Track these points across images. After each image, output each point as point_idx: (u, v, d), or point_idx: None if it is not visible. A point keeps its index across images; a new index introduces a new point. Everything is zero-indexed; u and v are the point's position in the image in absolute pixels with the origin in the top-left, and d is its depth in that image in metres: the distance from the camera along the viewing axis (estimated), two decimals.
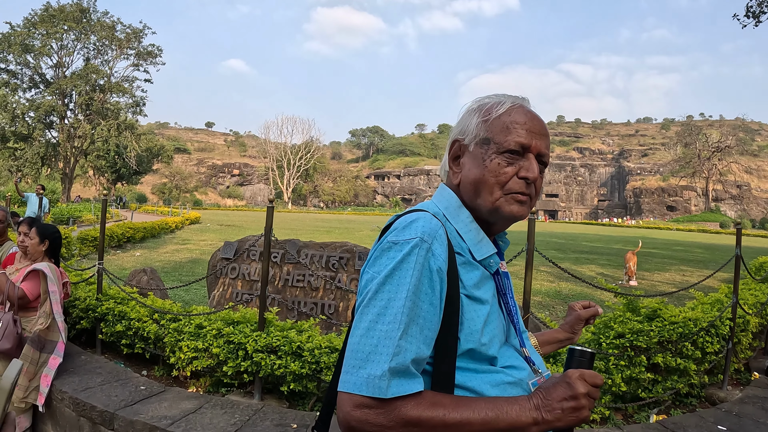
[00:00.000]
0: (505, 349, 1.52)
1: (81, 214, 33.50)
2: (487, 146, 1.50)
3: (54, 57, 63.88)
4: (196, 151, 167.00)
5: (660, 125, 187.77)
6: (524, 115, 1.51)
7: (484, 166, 1.48)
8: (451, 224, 1.50)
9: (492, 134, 1.49)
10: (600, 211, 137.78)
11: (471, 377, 1.40)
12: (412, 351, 1.26)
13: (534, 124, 1.50)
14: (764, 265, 11.06)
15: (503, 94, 1.59)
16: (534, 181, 1.49)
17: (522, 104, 1.55)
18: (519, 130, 1.48)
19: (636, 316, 5.63)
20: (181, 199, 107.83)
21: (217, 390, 5.35)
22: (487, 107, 1.55)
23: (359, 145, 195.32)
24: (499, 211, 1.49)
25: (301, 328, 5.26)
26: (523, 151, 1.48)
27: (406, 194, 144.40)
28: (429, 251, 1.34)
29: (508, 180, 1.47)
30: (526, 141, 1.47)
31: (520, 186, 1.47)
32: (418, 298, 1.30)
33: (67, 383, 5.12)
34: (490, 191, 1.48)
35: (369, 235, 31.37)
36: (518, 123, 1.49)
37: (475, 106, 1.59)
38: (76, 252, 15.73)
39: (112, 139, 66.61)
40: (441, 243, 1.38)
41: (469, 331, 1.39)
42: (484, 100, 1.59)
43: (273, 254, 7.10)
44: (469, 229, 1.51)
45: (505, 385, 1.43)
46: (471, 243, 1.49)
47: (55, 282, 5.19)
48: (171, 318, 5.76)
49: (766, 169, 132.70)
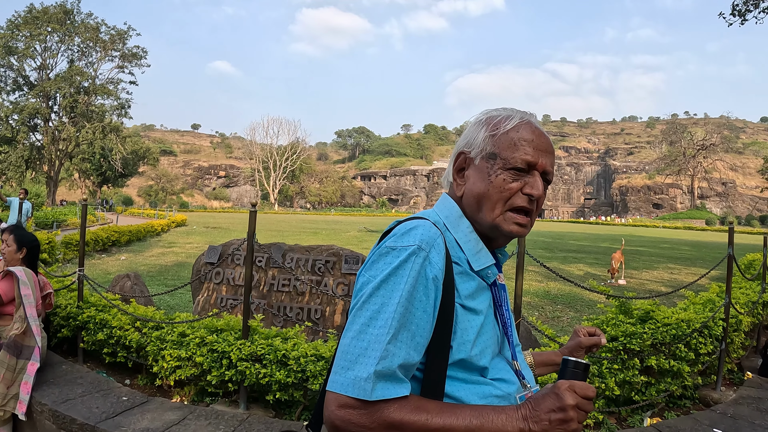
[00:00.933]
0: (497, 361, 1.52)
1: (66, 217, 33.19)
2: (493, 161, 1.50)
3: (38, 59, 63.72)
4: (182, 153, 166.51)
5: (645, 124, 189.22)
6: (532, 132, 1.51)
7: (489, 181, 1.49)
8: (450, 234, 1.52)
9: (499, 150, 1.50)
10: (587, 209, 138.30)
11: (460, 387, 1.40)
12: (400, 356, 1.28)
13: (541, 142, 1.50)
14: (754, 263, 11.06)
15: (512, 108, 1.59)
16: (538, 198, 1.49)
17: (530, 120, 1.55)
18: (526, 148, 1.48)
19: (629, 319, 5.58)
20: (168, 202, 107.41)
21: (201, 399, 5.23)
22: (495, 121, 1.54)
23: (345, 145, 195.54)
24: (499, 229, 1.50)
25: (287, 336, 5.14)
26: (528, 169, 1.48)
27: (392, 195, 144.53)
28: (426, 259, 1.36)
29: (511, 195, 1.48)
30: (533, 159, 1.48)
31: (523, 201, 1.48)
32: (412, 304, 1.32)
33: (46, 394, 4.98)
34: (492, 207, 1.49)
35: (356, 236, 31.34)
36: (526, 140, 1.49)
37: (483, 119, 1.59)
38: (60, 257, 15.57)
39: (97, 141, 66.44)
40: (438, 252, 1.39)
41: (461, 341, 1.40)
42: (492, 113, 1.59)
43: (258, 258, 6.99)
44: (468, 240, 1.52)
45: (493, 398, 1.43)
46: (469, 253, 1.50)
47: (29, 285, 5.12)
48: (153, 326, 5.64)
49: (750, 167, 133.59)
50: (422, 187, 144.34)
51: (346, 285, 6.70)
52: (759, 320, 7.80)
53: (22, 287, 5.05)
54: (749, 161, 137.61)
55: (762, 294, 7.68)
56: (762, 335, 8.05)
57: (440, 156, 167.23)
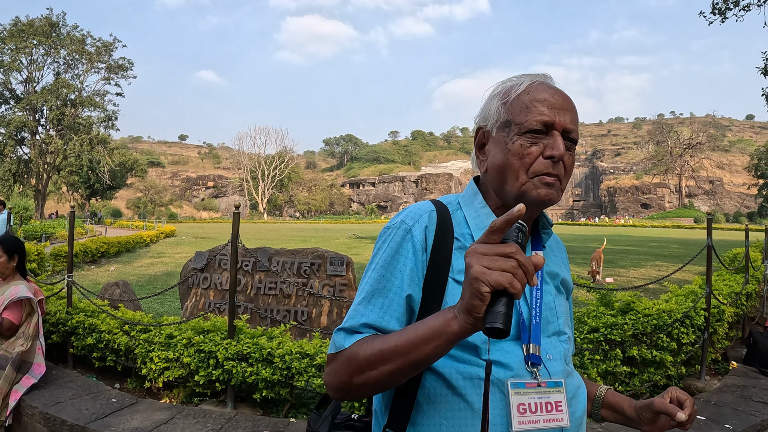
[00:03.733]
0: (506, 344, 1.38)
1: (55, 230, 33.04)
2: (508, 129, 1.43)
3: (24, 72, 63.36)
4: (170, 164, 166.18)
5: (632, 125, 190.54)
6: (544, 91, 1.43)
7: (507, 150, 1.41)
8: (462, 211, 1.50)
9: (512, 116, 1.42)
10: (575, 211, 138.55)
11: (444, 362, 1.34)
12: (367, 317, 1.34)
13: (556, 100, 1.42)
14: (737, 256, 11.15)
15: (523, 74, 1.51)
16: (561, 158, 1.39)
17: (542, 80, 1.47)
18: (540, 108, 1.39)
19: (610, 310, 5.64)
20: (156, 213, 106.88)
21: (190, 400, 5.26)
22: (506, 89, 1.48)
23: (333, 153, 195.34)
24: (526, 196, 1.40)
25: (272, 335, 5.20)
26: (546, 130, 1.39)
27: (381, 201, 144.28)
28: (408, 233, 1.40)
29: (533, 161, 1.39)
30: (549, 118, 1.39)
31: (546, 166, 1.38)
32: (389, 273, 1.37)
33: (37, 398, 5.02)
34: (515, 176, 1.40)
35: (345, 243, 31.34)
36: (538, 100, 1.40)
37: (496, 91, 1.51)
38: (49, 269, 15.55)
39: (85, 154, 66.05)
40: (422, 226, 1.41)
41: None
42: (506, 83, 1.51)
43: (244, 263, 7.04)
44: (478, 215, 1.49)
45: (478, 380, 1.32)
46: (475, 228, 1.46)
47: (36, 303, 5.15)
48: (141, 329, 5.67)
49: (737, 164, 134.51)
50: (411, 193, 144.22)
51: (332, 286, 6.75)
52: (743, 311, 7.89)
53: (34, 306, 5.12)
54: (736, 159, 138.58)
55: (745, 285, 7.77)
56: (747, 326, 8.14)
57: (428, 162, 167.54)
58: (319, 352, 4.78)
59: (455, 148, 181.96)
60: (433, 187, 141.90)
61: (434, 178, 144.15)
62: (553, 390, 1.38)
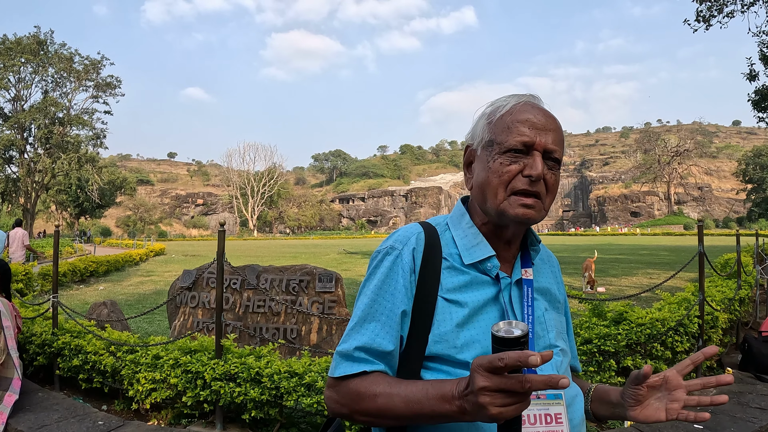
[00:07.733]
0: None
1: (43, 249, 32.85)
2: (491, 148, 1.46)
3: (12, 90, 63.02)
4: (159, 182, 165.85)
5: (620, 134, 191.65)
6: (528, 112, 1.45)
7: (488, 168, 1.45)
8: (450, 232, 1.55)
9: (495, 135, 1.46)
10: (565, 221, 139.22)
11: (435, 377, 1.36)
12: (359, 340, 1.39)
13: (538, 120, 1.44)
14: (729, 261, 11.15)
15: (512, 94, 1.54)
16: (538, 178, 1.40)
17: (528, 101, 1.50)
18: (521, 128, 1.42)
19: (602, 321, 5.60)
20: (146, 231, 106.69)
21: (178, 422, 5.17)
22: (493, 109, 1.52)
23: (323, 169, 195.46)
24: (505, 214, 1.43)
25: (260, 354, 5.12)
26: (527, 150, 1.42)
27: (371, 216, 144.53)
28: (398, 257, 1.46)
29: (511, 179, 1.42)
30: (529, 139, 1.41)
31: (524, 184, 1.40)
32: (381, 297, 1.43)
33: (22, 421, 4.94)
34: (494, 193, 1.44)
35: (336, 259, 31.27)
36: (520, 121, 1.43)
37: (486, 110, 1.55)
38: (37, 288, 15.41)
39: (73, 172, 65.89)
40: (410, 248, 1.47)
41: (439, 333, 1.40)
42: (494, 103, 1.54)
43: (232, 281, 6.97)
44: (465, 235, 1.53)
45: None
46: (463, 248, 1.50)
47: (9, 317, 5.05)
48: (128, 349, 5.58)
49: (725, 170, 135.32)
50: (401, 207, 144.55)
51: (321, 303, 6.68)
52: (737, 317, 7.87)
53: (3, 319, 5.00)
54: (723, 165, 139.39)
55: (738, 291, 7.75)
56: (741, 331, 8.11)
57: (417, 176, 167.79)
58: (308, 371, 4.70)
59: (444, 162, 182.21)
60: (422, 200, 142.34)
61: (424, 192, 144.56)
62: (553, 402, 1.40)
